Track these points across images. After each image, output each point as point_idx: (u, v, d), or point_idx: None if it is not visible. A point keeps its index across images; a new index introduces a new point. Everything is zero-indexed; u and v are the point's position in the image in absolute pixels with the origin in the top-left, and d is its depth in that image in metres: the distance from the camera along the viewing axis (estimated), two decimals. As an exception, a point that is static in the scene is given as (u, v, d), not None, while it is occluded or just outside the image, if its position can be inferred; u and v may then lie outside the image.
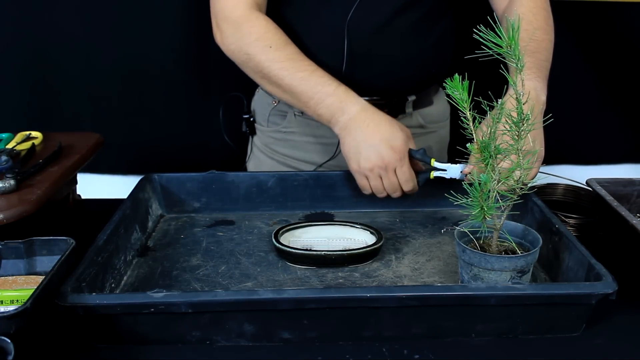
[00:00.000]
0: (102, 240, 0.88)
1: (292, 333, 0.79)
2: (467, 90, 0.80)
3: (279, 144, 1.30)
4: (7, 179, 0.94)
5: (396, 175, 1.04)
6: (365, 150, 1.04)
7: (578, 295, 0.79)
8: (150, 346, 0.78)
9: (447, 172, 1.04)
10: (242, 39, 1.11)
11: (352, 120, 1.05)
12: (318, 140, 1.26)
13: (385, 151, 1.03)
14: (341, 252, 0.95)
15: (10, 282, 0.84)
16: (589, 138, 1.84)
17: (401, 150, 1.04)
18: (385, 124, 1.05)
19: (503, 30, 0.76)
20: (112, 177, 1.77)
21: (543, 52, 1.09)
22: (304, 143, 1.28)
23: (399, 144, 1.04)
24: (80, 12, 1.63)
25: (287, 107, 1.26)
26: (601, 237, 1.05)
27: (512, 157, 0.83)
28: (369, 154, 1.04)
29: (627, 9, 1.71)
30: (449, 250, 1.00)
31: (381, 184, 1.05)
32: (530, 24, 1.11)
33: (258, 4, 1.15)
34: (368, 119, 1.05)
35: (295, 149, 1.28)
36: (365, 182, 1.07)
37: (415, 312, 0.78)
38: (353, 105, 1.06)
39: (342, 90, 1.07)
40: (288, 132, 1.28)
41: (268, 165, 1.32)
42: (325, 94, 1.07)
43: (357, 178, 1.07)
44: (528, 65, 1.05)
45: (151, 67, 1.68)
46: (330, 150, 1.25)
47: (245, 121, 1.34)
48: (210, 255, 0.99)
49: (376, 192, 1.07)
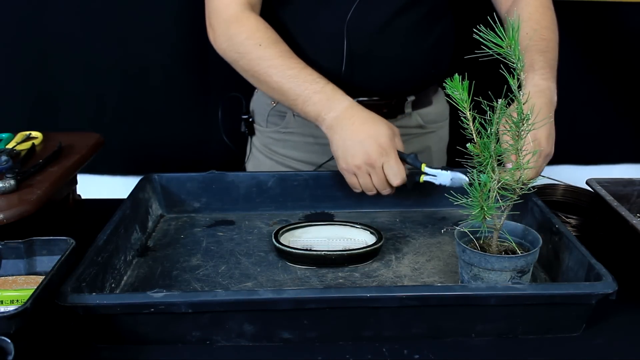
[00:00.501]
0: (102, 240, 0.88)
1: (292, 333, 0.79)
2: (467, 90, 0.80)
3: (278, 144, 1.30)
4: (7, 179, 0.94)
5: (384, 172, 1.04)
6: (352, 148, 1.03)
7: (578, 295, 0.79)
8: (150, 346, 0.78)
9: (437, 177, 1.03)
10: (233, 38, 1.12)
11: (337, 118, 1.05)
12: (317, 140, 1.26)
13: (371, 147, 1.02)
14: (341, 252, 0.95)
15: (10, 282, 0.84)
16: (589, 138, 1.84)
17: (387, 146, 1.03)
18: (370, 121, 1.05)
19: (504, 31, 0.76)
20: (112, 178, 1.77)
21: (552, 51, 1.10)
22: (303, 143, 1.28)
23: (385, 140, 1.03)
24: (80, 13, 1.63)
25: (286, 107, 1.26)
26: (601, 237, 1.05)
27: (512, 157, 0.83)
28: (355, 151, 1.03)
29: (626, 9, 1.71)
30: (449, 250, 1.00)
31: (370, 181, 1.04)
32: (539, 23, 1.12)
33: (251, 4, 1.15)
34: (354, 117, 1.05)
35: (294, 149, 1.28)
36: (354, 180, 1.06)
37: (415, 312, 0.78)
38: (339, 103, 1.06)
39: (330, 88, 1.07)
40: (287, 132, 1.28)
41: (267, 165, 1.32)
42: (313, 91, 1.06)
43: (346, 176, 1.07)
44: (541, 65, 1.06)
45: (151, 67, 1.68)
46: (330, 151, 1.25)
47: (244, 122, 1.34)
48: (210, 255, 0.99)
49: (365, 189, 1.06)
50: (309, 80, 1.07)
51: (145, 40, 1.66)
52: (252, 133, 1.35)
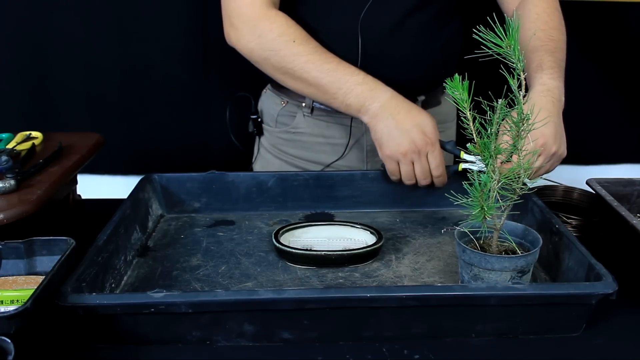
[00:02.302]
0: (102, 240, 0.88)
1: (292, 333, 0.79)
2: (467, 90, 0.80)
3: (288, 144, 1.29)
4: (7, 179, 0.94)
5: (427, 161, 1.06)
6: (398, 136, 1.05)
7: (578, 295, 0.79)
8: (150, 346, 0.78)
9: (476, 163, 1.04)
10: (263, 36, 1.11)
11: (382, 107, 1.07)
12: (327, 140, 1.26)
13: (418, 136, 1.05)
14: (341, 252, 0.95)
15: (10, 282, 0.83)
16: (589, 138, 1.84)
17: (433, 136, 1.05)
18: (415, 111, 1.07)
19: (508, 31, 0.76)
20: (112, 178, 1.77)
21: (560, 52, 1.11)
22: (313, 143, 1.28)
23: (431, 130, 1.05)
24: (80, 12, 1.63)
25: (297, 107, 1.26)
26: (601, 237, 1.05)
27: (514, 157, 0.83)
28: (401, 139, 1.05)
29: (627, 8, 1.71)
30: (449, 250, 1.00)
31: (412, 169, 1.06)
32: (547, 24, 1.13)
33: (274, 2, 1.15)
34: (399, 106, 1.07)
35: (304, 149, 1.28)
36: (395, 167, 1.07)
37: (415, 312, 0.78)
38: (383, 93, 1.08)
39: (370, 79, 1.09)
40: (297, 132, 1.28)
41: (276, 165, 1.31)
42: (354, 83, 1.08)
43: (388, 164, 1.08)
44: (550, 65, 1.07)
45: (152, 67, 1.68)
46: (339, 151, 1.25)
47: (253, 122, 1.33)
48: (210, 255, 0.99)
49: (406, 178, 1.08)
50: (349, 73, 1.09)
51: (145, 40, 1.66)
52: (261, 133, 1.34)
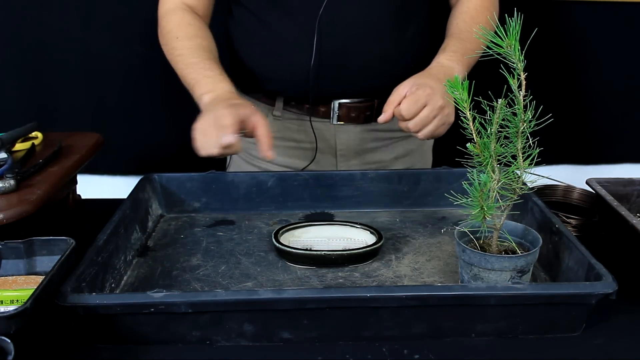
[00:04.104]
0: (102, 240, 0.88)
1: (292, 333, 0.79)
2: (467, 90, 0.80)
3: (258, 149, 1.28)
4: (7, 179, 0.94)
5: None
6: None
7: (578, 295, 0.78)
8: (150, 346, 0.78)
9: None
10: (161, 32, 1.23)
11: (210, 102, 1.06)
12: (299, 145, 1.25)
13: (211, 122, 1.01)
14: (341, 252, 0.95)
15: (10, 282, 0.83)
16: (589, 138, 1.84)
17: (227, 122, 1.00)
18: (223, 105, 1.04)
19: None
20: (112, 178, 1.77)
21: (472, 42, 1.14)
22: (283, 148, 1.26)
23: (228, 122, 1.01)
24: (80, 12, 1.63)
25: (267, 111, 1.25)
26: (601, 237, 1.05)
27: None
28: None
29: (627, 8, 1.71)
30: (449, 250, 1.00)
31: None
32: (473, 19, 1.17)
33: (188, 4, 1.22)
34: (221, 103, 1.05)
35: (275, 154, 1.27)
36: None
37: (415, 312, 0.78)
38: (219, 89, 1.08)
39: (218, 73, 1.11)
40: None
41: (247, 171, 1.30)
42: (204, 76, 1.11)
43: None
44: (454, 49, 1.12)
45: (151, 67, 1.68)
46: (310, 155, 1.24)
47: None
48: (210, 255, 0.99)
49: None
50: (207, 68, 1.12)
51: (146, 39, 1.65)
52: None
